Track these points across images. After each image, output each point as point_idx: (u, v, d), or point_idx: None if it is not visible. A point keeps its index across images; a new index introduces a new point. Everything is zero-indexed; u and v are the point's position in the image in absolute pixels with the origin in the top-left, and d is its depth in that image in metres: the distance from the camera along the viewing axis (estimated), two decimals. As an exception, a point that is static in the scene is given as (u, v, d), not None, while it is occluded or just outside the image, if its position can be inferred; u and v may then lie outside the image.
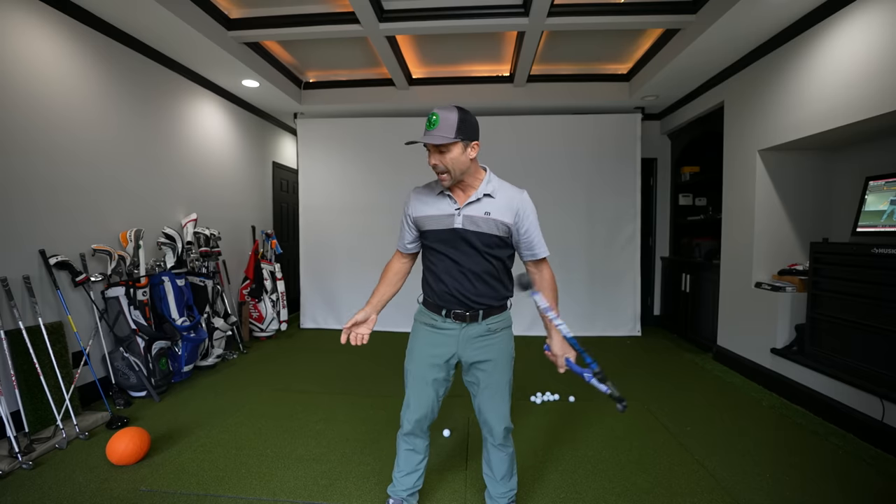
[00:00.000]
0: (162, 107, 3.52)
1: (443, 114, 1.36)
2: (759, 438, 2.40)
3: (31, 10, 2.49)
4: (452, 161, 1.39)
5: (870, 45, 2.39)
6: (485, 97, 4.66)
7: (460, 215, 1.47)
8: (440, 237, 1.50)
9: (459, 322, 1.52)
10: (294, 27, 3.42)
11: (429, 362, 1.56)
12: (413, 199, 1.59)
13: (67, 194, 2.71)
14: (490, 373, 1.54)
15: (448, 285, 1.50)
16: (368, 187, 4.97)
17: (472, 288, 1.48)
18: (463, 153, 1.40)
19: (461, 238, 1.47)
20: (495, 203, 1.47)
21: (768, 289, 3.20)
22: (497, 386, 1.55)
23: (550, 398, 2.94)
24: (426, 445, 1.68)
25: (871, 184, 2.70)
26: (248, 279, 4.54)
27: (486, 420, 1.58)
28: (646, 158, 4.92)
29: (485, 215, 1.45)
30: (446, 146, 1.38)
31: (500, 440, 1.58)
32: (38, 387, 2.35)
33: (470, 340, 1.53)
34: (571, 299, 4.78)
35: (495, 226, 1.46)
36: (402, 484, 1.67)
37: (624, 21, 3.27)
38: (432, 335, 1.56)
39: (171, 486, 1.94)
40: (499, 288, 1.53)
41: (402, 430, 1.64)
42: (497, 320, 1.55)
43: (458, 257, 1.49)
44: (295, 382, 3.30)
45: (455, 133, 1.35)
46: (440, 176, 1.43)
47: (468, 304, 1.50)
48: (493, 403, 1.55)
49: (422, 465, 1.68)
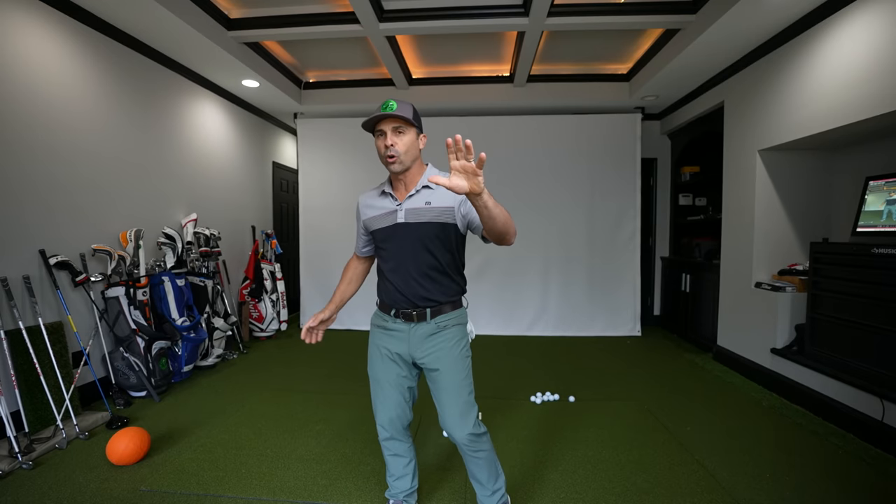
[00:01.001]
0: (162, 107, 3.52)
1: (399, 102, 1.40)
2: (759, 438, 2.40)
3: (32, 10, 2.49)
4: (406, 145, 1.42)
5: (870, 45, 2.39)
6: (485, 97, 4.66)
7: (402, 209, 1.47)
8: (385, 235, 1.51)
9: (407, 322, 1.50)
10: (294, 27, 3.42)
11: (384, 364, 1.55)
12: (361, 203, 1.63)
13: (67, 194, 2.71)
14: (442, 372, 1.48)
15: (394, 283, 1.49)
16: (368, 187, 4.96)
17: (417, 285, 1.46)
18: (415, 140, 1.45)
19: (405, 233, 1.46)
20: (434, 192, 1.46)
21: (768, 289, 3.20)
22: (451, 387, 1.48)
23: (550, 398, 2.94)
24: (408, 447, 1.65)
25: (871, 184, 2.69)
26: (248, 279, 4.54)
27: (447, 427, 1.52)
28: (646, 158, 4.92)
29: (426, 205, 1.45)
30: (404, 128, 1.41)
31: (466, 446, 1.51)
32: (38, 387, 2.35)
33: (420, 340, 1.49)
34: (571, 299, 4.79)
35: (439, 213, 1.44)
36: (396, 487, 1.68)
37: (624, 21, 3.27)
38: (384, 337, 1.56)
39: (171, 486, 1.94)
40: (447, 283, 1.50)
41: (379, 436, 1.62)
42: (447, 319, 1.50)
43: (403, 254, 1.47)
44: (295, 382, 3.30)
45: (412, 117, 1.40)
46: (390, 160, 1.42)
47: (415, 303, 1.47)
48: (449, 407, 1.49)
49: (409, 467, 1.66)
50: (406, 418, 1.59)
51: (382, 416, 1.58)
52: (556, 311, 4.79)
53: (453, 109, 4.79)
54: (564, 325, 4.77)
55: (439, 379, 1.50)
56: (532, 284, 4.79)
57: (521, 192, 4.77)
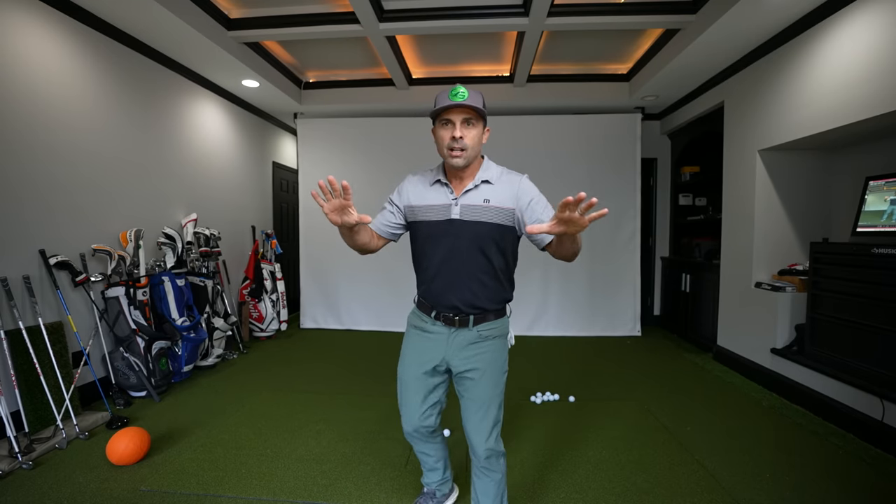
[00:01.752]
0: (162, 107, 3.52)
1: (470, 90, 1.28)
2: (760, 438, 2.40)
3: (32, 10, 2.49)
4: (474, 138, 1.31)
5: (869, 45, 2.39)
6: (485, 97, 4.65)
7: (457, 205, 1.35)
8: (434, 230, 1.38)
9: (448, 326, 1.40)
10: (294, 27, 3.42)
11: (417, 370, 1.46)
12: (408, 184, 1.46)
13: (68, 194, 2.71)
14: (476, 382, 1.39)
15: (439, 284, 1.38)
16: (368, 187, 4.96)
17: (466, 289, 1.35)
18: (482, 134, 1.34)
19: (458, 231, 1.34)
20: (494, 189, 1.35)
21: (768, 289, 3.20)
22: (481, 399, 1.39)
23: (550, 398, 2.94)
24: (434, 447, 1.60)
25: (871, 184, 2.70)
26: (248, 279, 4.54)
27: (469, 436, 1.43)
28: (646, 158, 4.92)
29: (483, 203, 1.33)
30: (474, 120, 1.30)
31: (482, 461, 1.42)
32: (38, 387, 2.35)
33: (459, 347, 1.40)
34: (571, 299, 4.79)
35: (497, 214, 1.32)
36: (429, 477, 1.72)
37: (624, 21, 3.27)
38: (421, 340, 1.46)
39: (171, 486, 1.94)
40: (496, 289, 1.39)
41: (404, 432, 1.57)
42: (490, 327, 1.40)
43: (453, 253, 1.35)
44: (295, 382, 3.30)
45: (483, 107, 1.29)
46: (455, 153, 1.29)
47: (459, 307, 1.37)
48: (476, 418, 1.40)
49: (439, 464, 1.67)
50: (431, 426, 1.51)
51: (406, 420, 1.52)
52: (556, 311, 4.80)
53: (453, 109, 4.79)
54: (564, 325, 4.77)
55: (472, 388, 1.41)
56: (532, 284, 4.79)
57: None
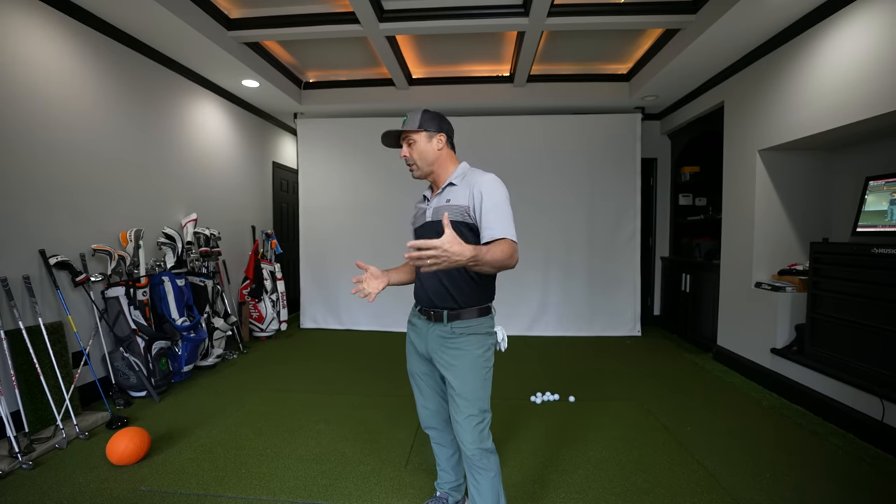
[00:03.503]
0: (162, 107, 3.52)
1: (411, 113, 1.51)
2: (759, 438, 2.40)
3: (32, 10, 2.49)
4: (419, 153, 1.51)
5: (869, 45, 2.39)
6: (485, 97, 4.66)
7: (430, 208, 1.54)
8: (420, 232, 1.56)
9: (427, 320, 1.53)
10: (294, 27, 3.42)
11: (413, 359, 1.62)
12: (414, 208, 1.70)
13: (68, 194, 2.71)
14: (453, 378, 1.45)
15: (422, 281, 1.53)
16: (368, 187, 4.98)
17: (438, 283, 1.46)
18: (428, 143, 1.50)
19: (430, 230, 1.49)
20: (455, 189, 1.49)
21: (768, 289, 3.20)
22: (460, 396, 1.43)
23: (550, 398, 2.94)
24: (452, 439, 1.67)
25: (871, 184, 2.70)
26: (248, 279, 4.54)
27: (455, 433, 1.48)
28: (646, 158, 4.92)
29: (446, 203, 1.48)
30: (413, 138, 1.51)
31: (471, 459, 1.44)
32: (38, 387, 2.35)
33: (435, 341, 1.49)
34: (571, 299, 4.79)
35: (455, 211, 1.43)
36: (442, 479, 1.73)
37: (624, 21, 3.27)
38: (412, 333, 1.61)
39: (171, 486, 1.94)
40: (467, 287, 1.44)
41: (420, 423, 1.68)
42: (465, 325, 1.45)
43: None
44: (295, 382, 3.30)
45: (418, 125, 1.48)
46: (409, 168, 1.56)
47: (433, 301, 1.49)
48: (459, 416, 1.44)
49: (453, 459, 1.70)
50: (444, 412, 1.62)
51: (420, 408, 1.65)
52: (556, 310, 4.79)
53: (453, 109, 4.78)
54: (564, 325, 4.77)
55: (450, 385, 1.47)
56: (532, 285, 4.79)
57: (521, 192, 4.75)
